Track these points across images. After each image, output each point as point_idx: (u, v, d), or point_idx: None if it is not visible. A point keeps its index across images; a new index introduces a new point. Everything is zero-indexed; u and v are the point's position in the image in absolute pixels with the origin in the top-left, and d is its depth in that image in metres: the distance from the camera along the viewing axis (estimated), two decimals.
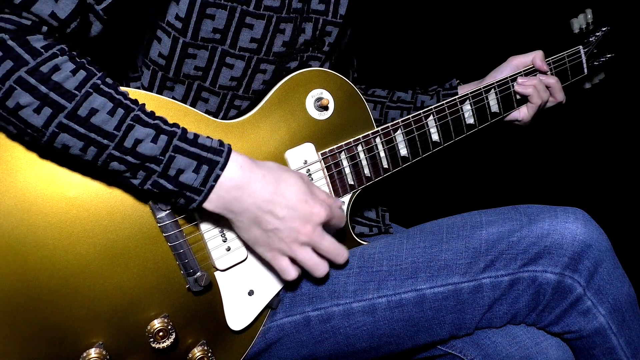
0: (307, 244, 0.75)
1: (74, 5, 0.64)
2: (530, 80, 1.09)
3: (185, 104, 0.86)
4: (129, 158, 0.65)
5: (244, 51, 0.82)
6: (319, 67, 0.94)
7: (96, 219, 0.70)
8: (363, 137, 0.93)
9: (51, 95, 0.61)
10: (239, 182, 0.70)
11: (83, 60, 0.66)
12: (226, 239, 0.79)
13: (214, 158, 0.69)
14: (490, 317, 0.84)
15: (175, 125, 0.70)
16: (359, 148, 0.93)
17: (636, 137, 1.81)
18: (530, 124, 1.15)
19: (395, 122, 0.96)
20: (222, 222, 0.79)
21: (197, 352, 0.78)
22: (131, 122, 0.65)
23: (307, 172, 0.88)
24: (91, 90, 0.64)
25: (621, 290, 0.83)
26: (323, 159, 0.90)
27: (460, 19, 1.84)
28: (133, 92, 0.74)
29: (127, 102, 0.67)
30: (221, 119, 0.86)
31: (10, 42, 0.60)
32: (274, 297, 0.86)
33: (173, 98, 0.86)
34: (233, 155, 0.71)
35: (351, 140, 0.92)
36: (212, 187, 0.69)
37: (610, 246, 0.84)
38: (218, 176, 0.69)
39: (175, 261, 0.76)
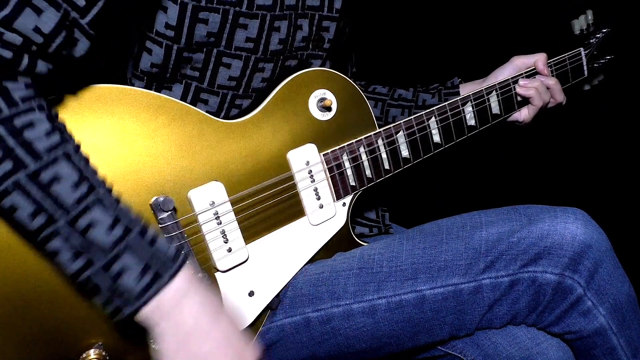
0: None
1: (58, 18, 0.59)
2: (532, 82, 1.09)
3: None
4: (76, 239, 0.59)
5: (241, 50, 0.82)
6: (320, 65, 0.93)
7: None
8: (365, 138, 0.93)
9: (17, 150, 0.56)
10: (172, 309, 0.62)
11: (61, 124, 0.62)
12: (227, 240, 0.79)
13: (163, 267, 0.62)
14: (491, 318, 0.84)
15: (137, 219, 0.64)
16: (361, 149, 0.93)
17: (636, 137, 1.82)
18: (531, 125, 1.15)
19: (397, 123, 0.96)
20: (223, 223, 0.79)
21: None
22: (91, 203, 0.60)
23: (309, 173, 0.88)
24: (61, 157, 0.59)
25: (621, 291, 0.84)
26: (325, 160, 0.90)
27: (461, 17, 1.84)
28: (134, 90, 0.73)
29: (95, 179, 0.62)
30: (222, 118, 0.85)
31: None
32: (274, 297, 0.85)
33: None
34: (183, 270, 0.64)
35: (353, 141, 0.92)
36: (150, 297, 0.61)
37: (610, 246, 0.84)
38: (160, 288, 0.61)
39: None
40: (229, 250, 0.79)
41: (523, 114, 1.13)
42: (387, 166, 0.96)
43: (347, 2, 0.92)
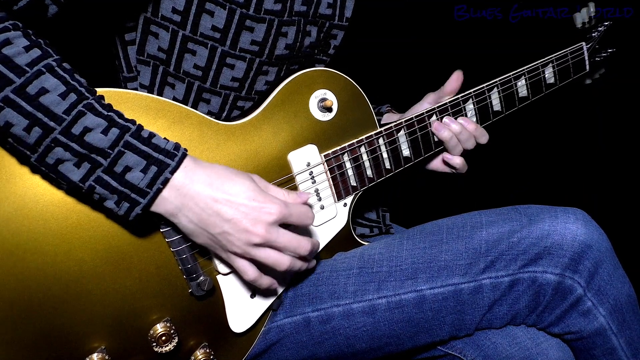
0: (262, 245, 0.69)
1: None
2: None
3: (187, 104, 0.85)
4: (75, 146, 0.61)
5: (245, 52, 0.81)
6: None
7: (97, 224, 0.70)
8: (366, 138, 0.92)
9: None
10: (182, 184, 0.66)
11: (40, 40, 0.63)
12: None
13: (164, 160, 0.65)
14: (491, 318, 0.85)
15: (131, 121, 0.66)
16: (362, 149, 0.92)
17: (636, 137, 1.82)
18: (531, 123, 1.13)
19: (398, 122, 0.95)
20: None
21: (199, 354, 0.78)
22: (82, 109, 0.62)
23: (310, 174, 0.88)
24: (44, 69, 0.61)
25: (621, 291, 0.84)
26: (326, 161, 0.89)
27: (461, 14, 1.82)
28: (134, 94, 0.72)
29: (82, 89, 0.63)
30: (224, 119, 0.85)
31: None
32: (275, 299, 0.85)
33: (174, 98, 0.85)
34: (185, 160, 0.67)
35: (354, 141, 0.91)
36: (159, 190, 0.65)
37: (611, 246, 0.84)
38: (167, 179, 0.65)
39: (177, 266, 0.75)
40: None
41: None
42: (388, 165, 0.96)
43: (357, 11, 0.91)
